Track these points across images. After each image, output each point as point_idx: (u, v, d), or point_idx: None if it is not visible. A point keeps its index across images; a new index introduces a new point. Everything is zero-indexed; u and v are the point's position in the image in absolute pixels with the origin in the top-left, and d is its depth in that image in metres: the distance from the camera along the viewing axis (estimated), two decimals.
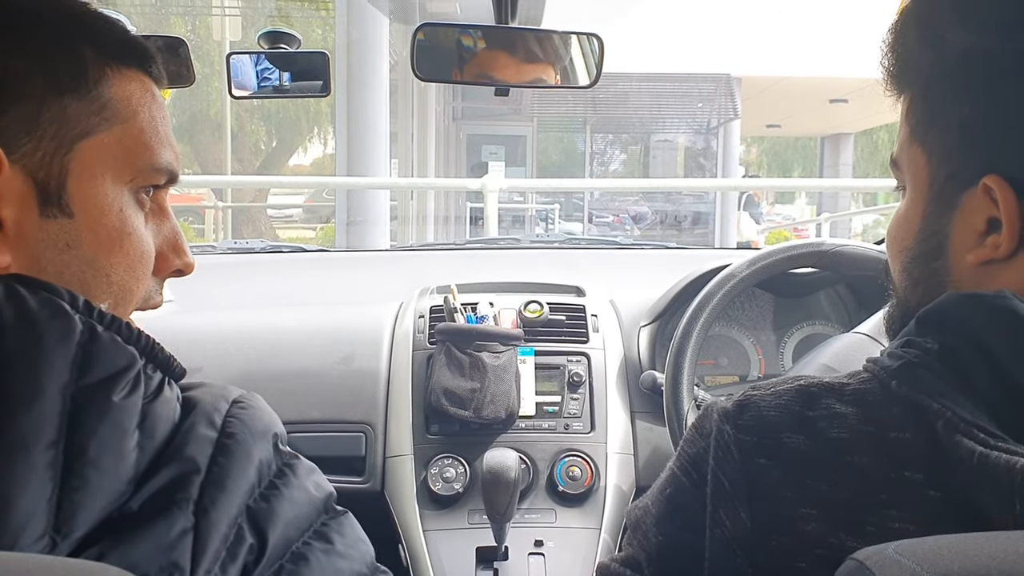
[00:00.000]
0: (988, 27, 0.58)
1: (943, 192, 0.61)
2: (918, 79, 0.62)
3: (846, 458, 0.56)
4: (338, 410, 1.49)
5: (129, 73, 0.60)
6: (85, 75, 0.57)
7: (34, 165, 0.54)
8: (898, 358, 0.57)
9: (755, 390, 0.62)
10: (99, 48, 0.58)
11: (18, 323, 0.48)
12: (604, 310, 1.63)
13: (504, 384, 1.46)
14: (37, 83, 0.54)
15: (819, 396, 0.59)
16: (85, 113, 0.57)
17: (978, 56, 0.58)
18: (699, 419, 0.64)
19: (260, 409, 0.56)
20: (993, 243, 0.58)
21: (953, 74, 0.60)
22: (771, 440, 0.58)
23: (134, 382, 0.50)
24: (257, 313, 1.73)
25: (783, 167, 21.63)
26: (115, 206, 0.58)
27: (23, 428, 0.45)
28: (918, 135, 0.63)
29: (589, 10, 7.88)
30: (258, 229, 12.83)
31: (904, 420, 0.55)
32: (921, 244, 0.63)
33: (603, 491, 1.43)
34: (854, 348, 1.26)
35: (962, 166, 0.59)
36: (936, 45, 0.61)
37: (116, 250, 0.59)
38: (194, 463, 0.50)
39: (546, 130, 14.88)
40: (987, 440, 0.50)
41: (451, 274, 1.68)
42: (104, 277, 0.58)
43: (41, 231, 0.55)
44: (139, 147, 0.60)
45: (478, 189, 4.09)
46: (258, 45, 1.44)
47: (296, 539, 0.53)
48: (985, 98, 0.58)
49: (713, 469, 0.60)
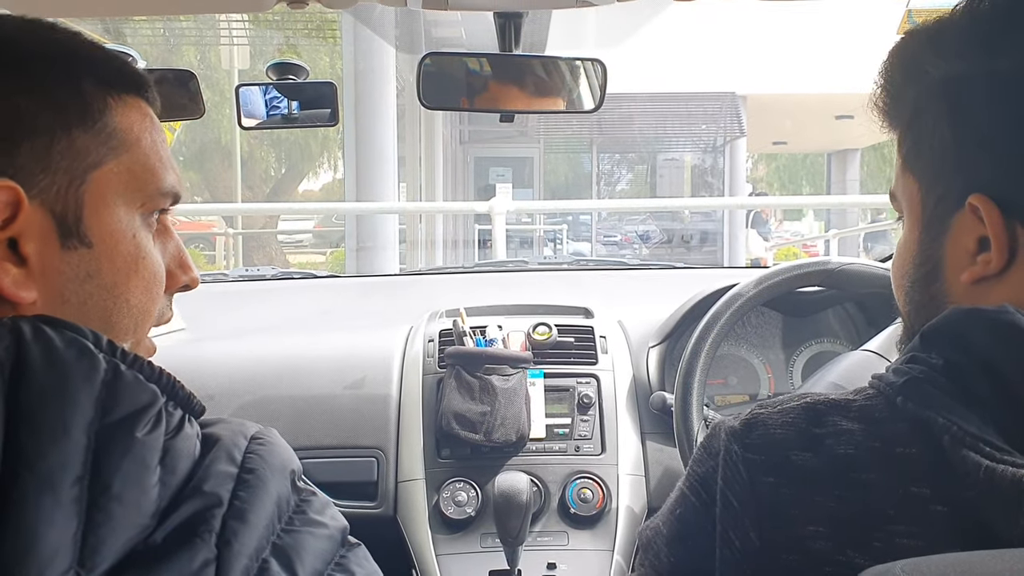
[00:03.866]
0: (962, 56, 0.60)
1: (934, 217, 0.62)
2: (906, 112, 0.65)
3: (852, 474, 0.56)
4: (350, 435, 1.50)
5: (129, 100, 0.61)
6: (89, 107, 0.58)
7: (51, 199, 0.56)
8: (903, 374, 0.57)
9: (762, 408, 0.63)
10: (99, 79, 0.59)
11: (45, 363, 0.49)
12: (613, 331, 1.64)
13: (514, 407, 1.46)
14: (46, 119, 0.56)
15: (826, 413, 0.59)
16: (94, 144, 0.58)
17: (955, 82, 0.61)
18: (707, 438, 0.65)
19: (278, 445, 0.57)
20: (984, 260, 0.59)
21: (935, 102, 0.62)
22: (779, 458, 0.59)
23: (156, 419, 0.51)
24: (268, 340, 1.74)
25: (791, 184, 21.63)
26: (129, 232, 0.60)
27: (50, 464, 0.46)
28: (909, 164, 0.65)
29: (593, 33, 7.95)
30: (268, 255, 12.90)
31: (910, 436, 0.55)
32: (919, 269, 0.64)
33: (615, 513, 1.43)
34: (863, 366, 1.26)
35: (948, 189, 0.61)
36: (919, 78, 0.63)
37: (133, 275, 0.60)
38: (216, 497, 0.51)
39: (553, 151, 14.95)
40: (993, 454, 0.50)
41: (460, 298, 1.69)
42: (124, 302, 0.60)
43: (63, 263, 0.57)
44: (146, 173, 0.61)
45: (486, 212, 4.11)
46: (267, 76, 1.46)
47: (323, 572, 0.54)
48: (964, 121, 0.60)
49: (722, 489, 0.60)
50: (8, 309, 0.55)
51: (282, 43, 10.69)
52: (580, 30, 7.82)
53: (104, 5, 1.27)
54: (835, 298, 1.63)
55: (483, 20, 1.28)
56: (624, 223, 14.79)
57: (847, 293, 1.58)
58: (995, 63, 0.59)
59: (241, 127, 1.50)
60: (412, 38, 6.82)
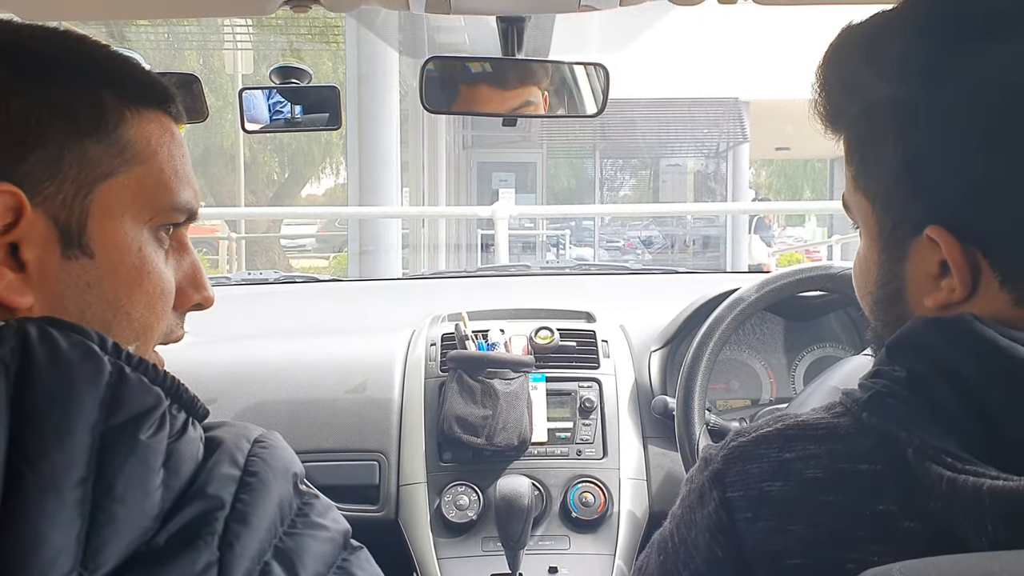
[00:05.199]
0: (906, 78, 0.58)
1: (892, 240, 0.61)
2: (848, 126, 0.63)
3: (821, 497, 0.56)
4: (352, 439, 1.50)
5: (148, 114, 0.61)
6: (105, 119, 0.58)
7: (55, 208, 0.56)
8: (867, 389, 0.58)
9: (742, 435, 0.62)
10: (118, 91, 0.59)
11: (51, 364, 0.49)
12: (615, 335, 1.64)
13: (516, 411, 1.46)
14: (59, 129, 0.56)
15: (795, 438, 0.59)
16: (106, 156, 0.58)
17: (901, 106, 0.58)
18: (696, 479, 0.64)
19: (281, 448, 0.57)
20: (948, 287, 0.58)
21: (881, 123, 0.59)
22: (754, 491, 0.59)
23: (160, 422, 0.51)
24: (271, 343, 1.74)
25: (793, 189, 21.63)
26: (134, 246, 0.59)
27: (55, 466, 0.46)
28: (859, 183, 0.63)
29: (596, 38, 7.96)
30: (271, 259, 12.91)
31: (876, 452, 0.55)
32: (882, 289, 0.63)
33: (617, 517, 1.43)
34: (864, 370, 1.25)
35: (903, 216, 0.60)
36: (858, 93, 0.61)
37: (136, 289, 0.60)
38: (218, 500, 0.51)
39: (556, 157, 14.97)
40: (955, 464, 0.50)
41: (462, 302, 1.69)
42: (125, 315, 0.60)
43: (63, 272, 0.57)
44: (158, 187, 0.61)
45: (489, 216, 4.12)
46: (270, 80, 1.46)
47: (325, 575, 0.54)
48: (915, 148, 0.58)
49: (708, 542, 0.61)
50: (5, 314, 0.55)
51: (285, 47, 10.73)
52: (583, 35, 7.83)
53: (108, 9, 1.28)
54: (837, 302, 1.63)
55: (486, 25, 1.28)
56: (627, 228, 14.81)
57: (849, 298, 1.57)
58: (943, 91, 0.56)
59: (244, 131, 1.51)
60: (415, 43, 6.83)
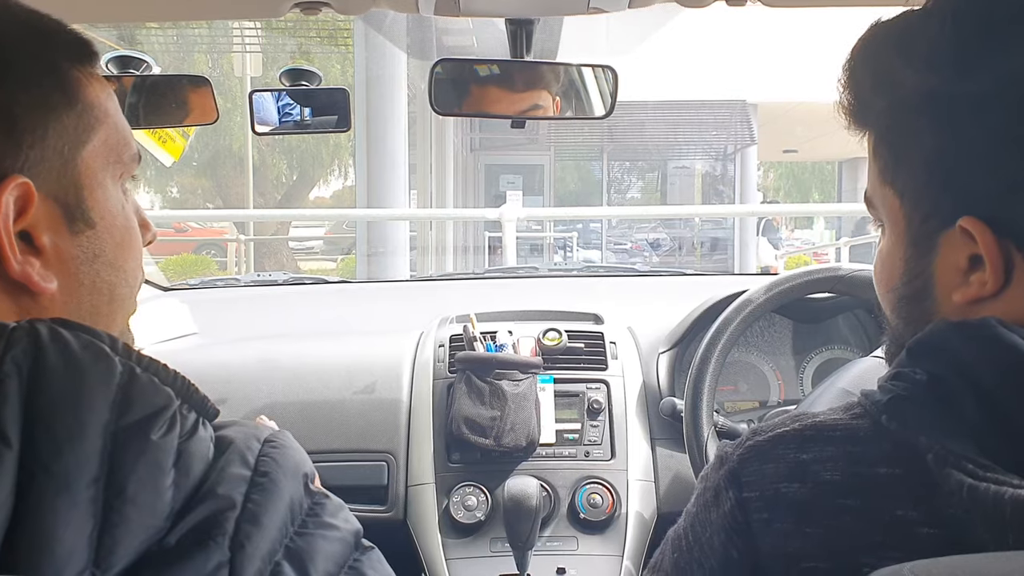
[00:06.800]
0: (937, 69, 0.57)
1: (921, 234, 0.60)
2: (878, 120, 0.62)
3: (838, 501, 0.56)
4: (360, 440, 1.51)
5: (91, 72, 0.61)
6: (69, 87, 0.58)
7: (52, 186, 0.57)
8: (887, 392, 0.57)
9: (759, 434, 0.62)
10: (70, 57, 0.59)
11: (62, 365, 0.49)
12: (622, 337, 1.64)
13: (524, 412, 1.46)
14: (39, 111, 0.56)
15: (812, 438, 0.59)
16: (79, 124, 0.58)
17: (934, 98, 0.57)
18: (711, 477, 0.64)
19: (291, 448, 0.57)
20: (979, 281, 0.57)
21: (912, 116, 0.59)
22: (770, 492, 0.58)
23: (170, 422, 0.51)
24: (280, 345, 1.75)
25: (801, 192, 21.56)
26: (118, 204, 0.61)
27: (67, 466, 0.47)
28: (887, 177, 0.62)
29: (604, 40, 7.96)
30: (280, 261, 12.92)
31: (895, 456, 0.55)
32: (907, 286, 0.62)
33: (624, 518, 1.43)
34: (873, 372, 1.26)
35: (935, 208, 0.59)
36: (889, 86, 0.60)
37: (128, 246, 0.62)
38: (229, 500, 0.51)
39: (563, 159, 14.95)
40: (976, 471, 0.50)
41: (470, 303, 1.69)
42: (123, 275, 0.61)
43: (75, 247, 0.58)
44: (120, 143, 0.62)
45: (496, 219, 4.12)
46: (279, 82, 1.47)
47: (336, 575, 0.54)
48: (948, 139, 0.57)
49: (723, 542, 0.60)
50: (28, 301, 0.56)
51: (295, 50, 10.76)
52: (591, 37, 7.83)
53: (118, 11, 1.29)
54: (845, 304, 1.63)
55: (495, 28, 1.28)
56: (634, 231, 14.79)
57: (857, 300, 1.57)
58: (975, 81, 0.56)
59: (254, 132, 1.51)
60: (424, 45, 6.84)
